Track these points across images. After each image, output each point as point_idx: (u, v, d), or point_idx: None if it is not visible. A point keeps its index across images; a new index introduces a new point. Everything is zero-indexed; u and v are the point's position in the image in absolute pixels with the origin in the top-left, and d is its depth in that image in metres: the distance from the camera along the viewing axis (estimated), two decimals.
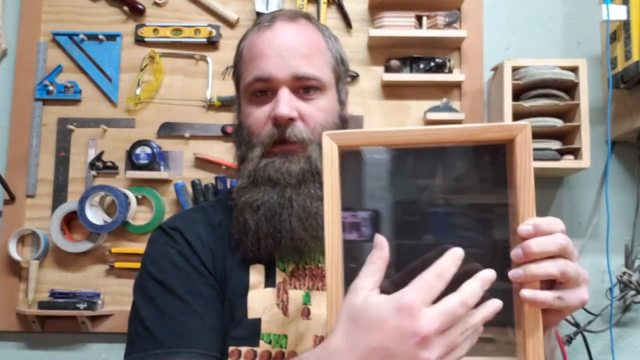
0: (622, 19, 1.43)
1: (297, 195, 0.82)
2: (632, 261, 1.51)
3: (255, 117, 0.85)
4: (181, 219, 0.89)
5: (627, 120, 1.49)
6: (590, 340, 1.49)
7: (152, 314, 0.79)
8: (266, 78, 0.84)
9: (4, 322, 1.54)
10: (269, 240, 0.82)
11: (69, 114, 1.61)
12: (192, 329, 0.77)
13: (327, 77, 0.87)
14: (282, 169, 0.82)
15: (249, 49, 0.88)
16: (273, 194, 0.82)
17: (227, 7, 1.63)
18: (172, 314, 0.78)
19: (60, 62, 1.62)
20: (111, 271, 1.55)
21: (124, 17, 1.64)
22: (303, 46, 0.85)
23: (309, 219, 0.82)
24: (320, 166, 0.81)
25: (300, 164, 0.83)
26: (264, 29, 0.87)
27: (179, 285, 0.80)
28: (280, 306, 0.81)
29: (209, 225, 0.87)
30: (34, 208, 1.58)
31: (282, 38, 0.85)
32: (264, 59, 0.84)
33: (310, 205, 0.82)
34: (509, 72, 1.46)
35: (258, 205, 0.82)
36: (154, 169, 1.55)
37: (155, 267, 0.83)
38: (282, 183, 0.82)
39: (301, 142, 0.83)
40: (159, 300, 0.79)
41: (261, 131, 0.84)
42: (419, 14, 1.59)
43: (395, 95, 1.61)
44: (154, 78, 1.61)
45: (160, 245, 0.85)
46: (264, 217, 0.82)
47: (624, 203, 1.57)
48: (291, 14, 0.89)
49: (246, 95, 0.87)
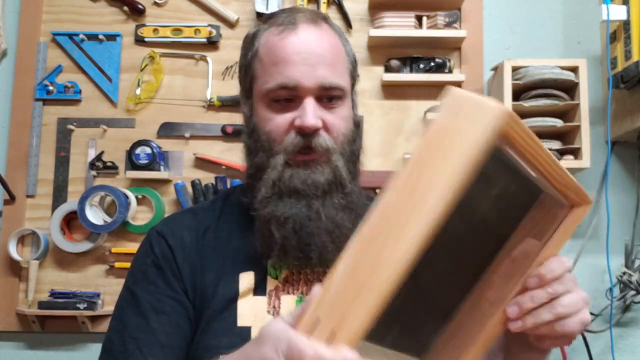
0: (622, 19, 1.43)
1: (324, 207, 0.80)
2: (632, 261, 1.51)
3: (276, 123, 0.81)
4: (169, 223, 0.88)
5: (627, 120, 1.49)
6: (590, 340, 1.49)
7: (117, 326, 0.82)
8: (292, 86, 0.80)
9: (4, 322, 1.54)
10: (296, 253, 0.80)
11: (69, 114, 1.61)
12: (145, 346, 0.78)
13: (347, 85, 0.85)
14: (308, 181, 0.80)
15: (271, 51, 0.83)
16: (300, 207, 0.80)
17: (227, 7, 1.63)
18: (131, 329, 0.80)
19: (60, 62, 1.62)
20: (111, 271, 1.55)
21: (124, 17, 1.64)
22: (328, 53, 0.83)
23: (336, 231, 0.80)
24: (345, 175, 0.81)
25: (325, 175, 0.81)
26: (287, 31, 0.82)
27: (145, 299, 0.81)
28: (272, 313, 0.80)
29: (194, 231, 0.85)
30: (34, 208, 1.58)
31: (308, 43, 0.82)
32: (289, 65, 0.80)
33: (336, 217, 0.81)
34: (509, 72, 1.46)
35: (285, 218, 0.80)
36: (154, 169, 1.55)
37: (131, 276, 0.85)
38: (309, 195, 0.80)
39: (325, 151, 0.81)
40: (125, 312, 0.82)
41: (283, 138, 0.81)
42: (419, 14, 1.59)
43: (395, 95, 1.61)
44: (154, 78, 1.61)
45: (141, 254, 0.86)
46: (292, 230, 0.79)
47: (624, 203, 1.57)
48: (312, 16, 0.86)
49: (265, 100, 0.83)
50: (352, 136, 0.85)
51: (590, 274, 1.53)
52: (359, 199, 0.84)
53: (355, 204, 0.83)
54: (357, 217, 0.81)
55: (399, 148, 1.59)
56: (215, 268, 0.82)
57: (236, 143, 1.59)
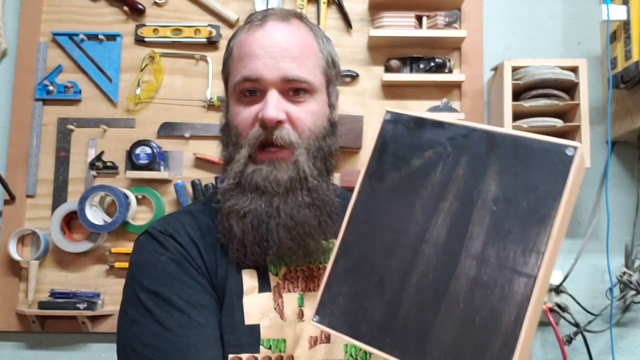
0: (622, 19, 1.43)
1: (285, 204, 0.81)
2: (632, 261, 1.51)
3: (242, 117, 0.84)
4: (170, 223, 0.85)
5: (627, 120, 1.49)
6: (590, 340, 1.49)
7: (151, 329, 0.75)
8: (255, 78, 0.82)
9: (4, 322, 1.54)
10: (255, 248, 0.80)
11: (69, 114, 1.61)
12: (197, 343, 0.74)
13: (317, 80, 0.85)
14: (270, 177, 0.81)
15: (239, 48, 0.86)
16: (260, 202, 0.80)
17: (227, 7, 1.63)
18: (174, 328, 0.74)
19: (60, 62, 1.62)
20: (111, 271, 1.55)
21: (124, 17, 1.64)
22: (294, 47, 0.83)
23: (296, 228, 0.80)
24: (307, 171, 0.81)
25: (289, 172, 0.81)
26: (255, 27, 0.85)
27: (177, 296, 0.77)
28: (277, 310, 0.80)
29: (198, 230, 0.85)
30: (34, 208, 1.58)
31: (273, 38, 0.83)
32: (253, 59, 0.82)
33: (297, 214, 0.81)
34: (509, 72, 1.46)
35: (245, 212, 0.81)
36: (154, 169, 1.55)
37: (147, 277, 0.79)
38: (270, 192, 0.81)
39: (288, 145, 0.81)
40: (157, 313, 0.76)
41: (248, 132, 0.83)
42: (419, 14, 1.59)
43: (395, 95, 1.61)
44: (154, 78, 1.61)
45: (149, 253, 0.81)
46: (250, 225, 0.80)
47: (624, 203, 1.57)
48: (284, 13, 0.88)
49: (234, 94, 0.86)
50: (321, 133, 0.85)
51: (590, 274, 1.53)
52: (327, 195, 0.84)
53: (322, 200, 0.83)
54: (322, 213, 0.82)
55: None
56: (221, 265, 0.82)
57: None
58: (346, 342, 0.66)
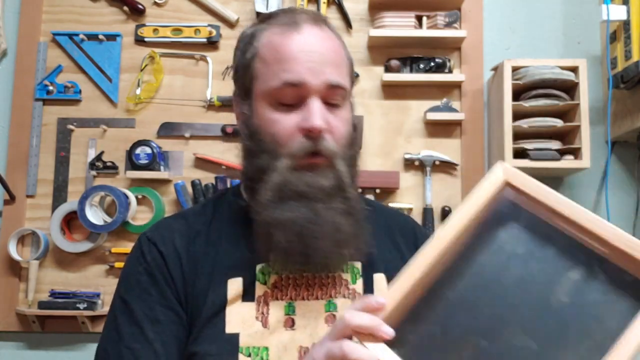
0: (622, 19, 1.43)
1: (327, 211, 0.79)
2: None
3: (282, 125, 0.79)
4: (160, 228, 0.86)
5: (627, 120, 1.49)
6: None
7: (111, 335, 0.81)
8: (298, 83, 0.78)
9: (4, 322, 1.54)
10: (298, 257, 0.79)
11: (69, 114, 1.61)
12: (141, 357, 0.78)
13: (349, 87, 0.84)
14: (313, 184, 0.79)
15: (274, 50, 0.80)
16: (303, 210, 0.78)
17: (227, 7, 1.63)
18: (126, 339, 0.79)
19: (60, 62, 1.62)
20: (111, 271, 1.55)
21: (124, 17, 1.64)
22: (332, 53, 0.81)
23: (337, 234, 0.79)
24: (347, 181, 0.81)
25: (330, 180, 0.79)
26: (290, 30, 0.80)
27: (138, 307, 0.80)
28: (260, 319, 0.79)
29: (185, 236, 0.84)
30: (34, 208, 1.58)
31: (312, 43, 0.79)
32: (294, 62, 0.78)
33: (337, 221, 0.80)
34: (509, 72, 1.46)
35: (289, 221, 0.78)
36: (154, 169, 1.55)
37: (123, 284, 0.84)
38: (312, 197, 0.79)
39: (331, 155, 0.80)
40: (119, 321, 0.81)
41: (288, 141, 0.79)
42: (419, 14, 1.59)
43: (395, 95, 1.61)
44: (154, 78, 1.61)
45: (132, 261, 0.85)
46: (295, 233, 0.78)
47: (624, 203, 1.57)
48: (314, 17, 0.84)
49: (268, 99, 0.80)
50: (351, 139, 0.84)
51: None
52: (358, 203, 0.84)
53: (355, 209, 0.82)
54: (356, 221, 0.81)
55: (399, 148, 1.59)
56: (205, 274, 0.82)
57: (236, 143, 1.58)
58: None
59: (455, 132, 1.60)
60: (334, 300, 0.81)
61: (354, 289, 0.83)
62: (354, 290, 0.83)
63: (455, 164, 1.58)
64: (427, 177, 1.56)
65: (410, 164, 1.58)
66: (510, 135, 1.44)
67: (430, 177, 1.56)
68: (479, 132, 1.59)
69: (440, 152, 1.57)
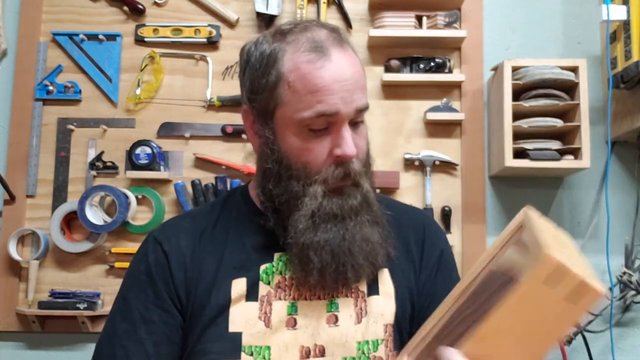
0: (622, 19, 1.43)
1: (356, 225, 0.82)
2: (632, 261, 1.51)
3: (314, 155, 0.81)
4: (166, 228, 0.89)
5: (627, 120, 1.49)
6: (590, 340, 1.49)
7: (108, 331, 0.84)
8: (333, 114, 0.79)
9: (4, 322, 1.54)
10: (334, 275, 0.81)
11: (69, 114, 1.61)
12: (133, 355, 0.80)
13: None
14: (345, 206, 0.82)
15: (303, 78, 0.79)
16: (335, 230, 0.81)
17: (227, 7, 1.63)
18: (120, 337, 0.82)
19: (60, 62, 1.62)
20: (111, 271, 1.55)
21: (124, 17, 1.64)
22: (360, 76, 0.82)
23: (368, 247, 0.82)
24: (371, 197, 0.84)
25: (358, 198, 0.83)
26: (319, 58, 0.79)
27: (135, 306, 0.83)
28: (263, 318, 0.81)
29: (191, 236, 0.86)
30: (34, 208, 1.58)
31: (344, 71, 0.80)
32: (329, 93, 0.78)
33: (367, 234, 0.83)
34: (509, 72, 1.46)
35: (323, 244, 0.81)
36: (154, 169, 1.55)
37: (127, 282, 0.87)
38: (344, 218, 0.82)
39: (358, 176, 0.82)
40: (117, 317, 0.84)
41: (321, 168, 0.81)
42: (419, 14, 1.59)
43: (395, 95, 1.61)
44: (154, 78, 1.61)
45: (137, 260, 0.87)
46: (329, 253, 0.81)
47: (624, 203, 1.57)
48: (336, 38, 0.83)
49: (297, 127, 0.80)
50: (369, 151, 0.87)
51: None
52: (379, 209, 0.86)
53: (379, 216, 0.86)
54: (382, 228, 0.85)
55: (399, 148, 1.59)
56: (209, 274, 0.83)
57: (236, 143, 1.59)
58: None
59: (455, 132, 1.60)
60: (336, 300, 0.83)
61: (357, 287, 0.84)
62: (356, 287, 0.84)
63: (455, 164, 1.58)
64: (427, 177, 1.56)
65: (410, 164, 1.58)
66: (510, 135, 1.44)
67: (430, 177, 1.56)
68: (479, 132, 1.59)
69: (440, 152, 1.57)
